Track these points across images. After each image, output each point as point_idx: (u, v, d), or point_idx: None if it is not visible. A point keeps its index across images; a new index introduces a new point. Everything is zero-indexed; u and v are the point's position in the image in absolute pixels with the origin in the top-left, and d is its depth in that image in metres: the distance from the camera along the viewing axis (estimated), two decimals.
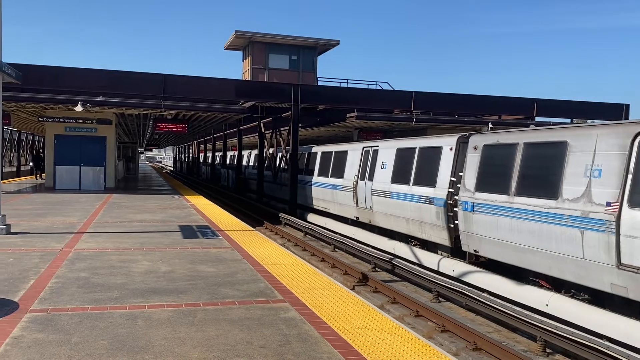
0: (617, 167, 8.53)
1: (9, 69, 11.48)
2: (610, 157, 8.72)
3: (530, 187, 10.38)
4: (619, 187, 8.41)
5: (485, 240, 11.54)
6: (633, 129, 8.44)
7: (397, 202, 15.54)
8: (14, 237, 10.94)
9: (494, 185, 11.41)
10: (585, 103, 27.48)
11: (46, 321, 5.64)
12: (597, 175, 8.91)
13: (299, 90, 23.54)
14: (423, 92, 25.13)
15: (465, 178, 12.36)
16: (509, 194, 10.82)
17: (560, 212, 9.44)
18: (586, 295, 9.32)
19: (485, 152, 12.01)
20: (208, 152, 61.59)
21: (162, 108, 21.83)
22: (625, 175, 8.38)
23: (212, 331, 5.47)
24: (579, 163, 9.31)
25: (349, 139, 29.44)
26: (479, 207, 11.70)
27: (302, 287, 7.46)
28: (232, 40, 29.04)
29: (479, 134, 12.76)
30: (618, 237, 8.30)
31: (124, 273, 7.95)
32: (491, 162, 11.76)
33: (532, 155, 10.58)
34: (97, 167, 24.80)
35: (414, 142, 15.60)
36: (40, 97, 20.90)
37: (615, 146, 8.67)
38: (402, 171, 15.50)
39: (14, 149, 42.89)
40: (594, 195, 8.86)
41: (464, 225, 12.21)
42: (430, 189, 13.91)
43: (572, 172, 9.39)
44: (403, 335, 5.56)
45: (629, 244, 8.11)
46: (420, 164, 14.74)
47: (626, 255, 8.15)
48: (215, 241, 11.17)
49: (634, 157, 8.30)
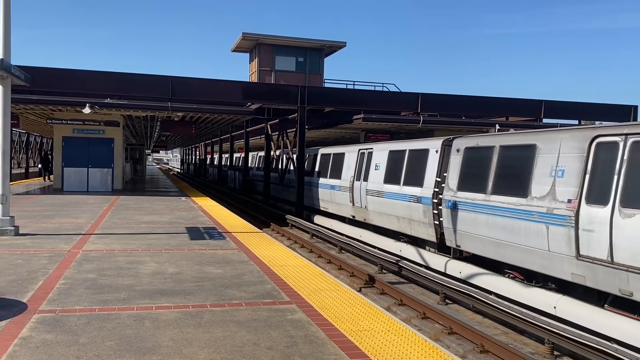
0: (577, 168, 9.44)
1: (18, 71, 11.57)
2: (571, 159, 9.64)
3: (505, 186, 11.28)
4: (578, 186, 9.32)
5: (466, 236, 12.47)
6: (590, 133, 9.38)
7: (389, 201, 16.43)
8: (23, 239, 11.01)
9: (473, 185, 12.32)
10: (593, 104, 27.33)
11: (54, 322, 5.67)
12: (561, 175, 9.82)
13: (305, 92, 23.56)
14: (430, 93, 25.10)
15: (449, 178, 13.31)
16: (486, 193, 11.74)
17: (529, 208, 10.33)
18: (554, 285, 10.13)
19: (466, 154, 12.95)
20: (215, 154, 61.76)
21: (169, 110, 21.91)
22: (583, 175, 9.29)
23: (219, 332, 5.48)
24: (546, 164, 10.19)
25: (355, 140, 29.45)
26: (461, 205, 12.61)
27: (308, 288, 7.46)
28: (239, 42, 29.10)
29: (462, 137, 13.62)
30: (577, 231, 9.17)
31: (132, 274, 7.98)
32: (471, 163, 12.68)
33: (507, 156, 11.51)
34: (104, 169, 24.91)
35: (405, 145, 16.48)
36: (49, 99, 21.04)
37: (576, 149, 9.59)
38: (394, 172, 16.42)
39: (23, 150, 43.16)
40: (557, 193, 9.76)
41: (448, 222, 13.13)
42: (418, 189, 14.83)
43: (540, 173, 10.29)
44: (410, 337, 5.55)
45: (586, 237, 9.01)
46: (409, 165, 15.66)
47: (584, 247, 9.04)
48: (222, 243, 11.20)
49: (590, 159, 9.22)
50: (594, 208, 8.93)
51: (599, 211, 8.82)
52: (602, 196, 8.86)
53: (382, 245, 16.16)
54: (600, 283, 8.78)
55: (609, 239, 8.57)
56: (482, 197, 11.81)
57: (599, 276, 8.76)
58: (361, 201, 18.54)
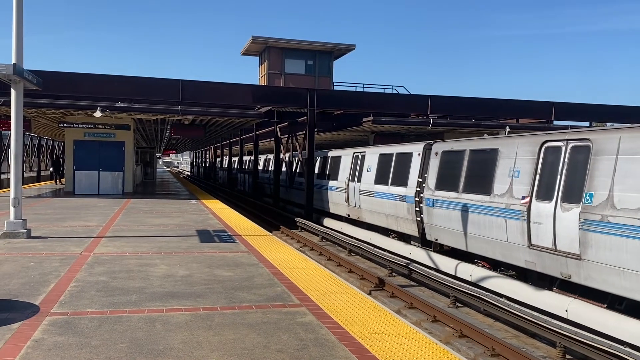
0: (530, 169, 10.92)
1: (30, 75, 11.67)
2: (525, 161, 11.12)
3: (473, 185, 12.76)
4: (530, 184, 10.79)
5: (442, 230, 13.95)
6: (540, 139, 10.82)
7: (379, 200, 17.95)
8: (35, 242, 11.10)
9: (448, 185, 13.78)
10: (604, 106, 27.12)
11: (66, 324, 5.71)
12: (517, 175, 11.31)
13: (315, 95, 23.59)
14: (440, 95, 25.03)
15: (428, 179, 14.83)
16: (458, 192, 13.23)
17: (492, 205, 11.85)
18: (514, 273, 11.49)
19: (442, 158, 14.44)
20: (225, 157, 61.95)
21: (179, 113, 22.00)
22: (534, 175, 10.75)
23: (230, 335, 5.49)
24: (505, 166, 11.69)
25: (365, 143, 29.43)
26: (437, 203, 14.14)
27: (318, 291, 7.46)
28: (249, 45, 29.20)
29: (440, 142, 15.26)
30: (529, 223, 10.62)
31: (143, 277, 8.02)
32: (446, 165, 14.17)
33: (475, 159, 13.00)
34: (115, 172, 25.05)
35: (393, 149, 17.94)
36: (60, 103, 21.21)
37: (529, 153, 11.05)
38: (383, 173, 17.88)
39: (34, 154, 43.53)
40: (514, 191, 11.24)
41: (427, 218, 14.69)
42: (403, 189, 16.32)
43: (501, 173, 11.81)
44: (420, 340, 5.53)
45: (535, 228, 10.44)
46: (396, 167, 17.11)
47: (534, 238, 10.47)
48: (232, 245, 11.22)
49: (540, 162, 10.69)
50: (542, 203, 10.37)
51: (546, 206, 10.25)
52: (548, 193, 10.29)
53: (392, 248, 16.16)
54: (547, 268, 10.21)
55: (553, 230, 9.98)
56: (455, 196, 13.31)
57: (546, 262, 10.19)
58: (355, 201, 20.01)
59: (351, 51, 30.03)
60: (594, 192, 9.19)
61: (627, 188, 8.60)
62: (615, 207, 8.71)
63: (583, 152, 9.71)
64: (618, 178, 8.79)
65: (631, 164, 8.66)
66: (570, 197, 9.71)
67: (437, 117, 24.79)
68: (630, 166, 8.66)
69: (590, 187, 9.30)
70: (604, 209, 8.89)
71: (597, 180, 9.19)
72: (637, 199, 8.36)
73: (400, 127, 24.99)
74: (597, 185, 9.16)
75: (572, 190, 9.72)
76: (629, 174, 8.64)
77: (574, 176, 9.77)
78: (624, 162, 8.78)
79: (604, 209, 8.90)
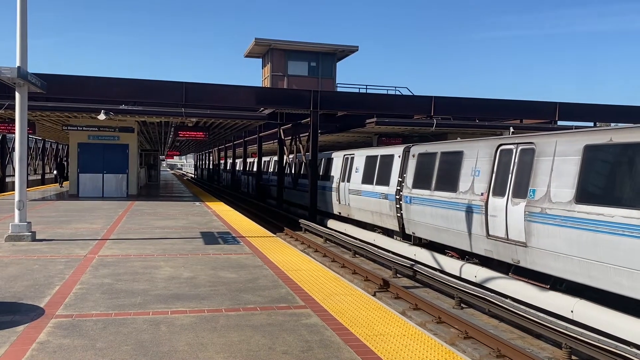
0: (488, 169, 12.36)
1: (35, 78, 11.71)
2: (484, 162, 12.57)
3: (442, 183, 14.19)
4: (488, 183, 12.19)
5: (418, 225, 15.45)
6: (496, 142, 12.37)
7: (366, 199, 19.37)
8: (40, 244, 11.12)
9: (423, 183, 15.26)
10: (608, 106, 27.04)
11: (71, 327, 5.71)
12: (477, 174, 12.72)
13: (318, 97, 23.60)
14: (443, 96, 25.01)
15: (407, 178, 16.34)
16: (431, 189, 14.69)
17: (457, 201, 13.25)
18: (477, 261, 12.73)
19: (419, 159, 15.94)
20: (228, 159, 62.01)
21: (183, 116, 22.05)
22: (491, 174, 12.19)
23: (235, 337, 5.48)
24: (468, 166, 13.13)
25: (368, 144, 29.42)
26: (414, 200, 15.60)
27: (323, 293, 7.45)
28: (252, 47, 29.22)
29: (417, 145, 16.71)
30: (487, 216, 12.03)
31: (147, 279, 8.02)
32: (422, 166, 15.65)
33: (445, 160, 14.46)
34: (119, 175, 25.11)
35: (377, 151, 19.42)
36: (65, 106, 21.27)
37: (487, 154, 12.50)
38: (369, 174, 19.31)
39: (39, 157, 43.67)
40: (475, 188, 12.68)
41: (406, 214, 16.18)
42: (386, 187, 17.72)
43: (465, 173, 13.23)
44: (426, 341, 5.51)
45: (492, 221, 11.86)
46: (380, 168, 18.51)
47: (491, 229, 11.88)
48: (236, 247, 11.22)
49: (496, 162, 12.14)
50: (497, 199, 11.79)
51: (500, 201, 11.67)
52: (501, 189, 11.71)
53: (396, 250, 16.15)
54: (501, 255, 11.60)
55: (505, 221, 11.35)
56: (428, 193, 14.77)
57: (500, 250, 11.57)
58: (345, 199, 21.51)
59: (354, 52, 30.01)
60: (536, 189, 10.62)
61: (561, 184, 10.02)
62: (552, 200, 10.12)
63: (529, 154, 11.13)
64: (554, 176, 10.22)
65: (564, 164, 10.07)
66: (519, 193, 11.11)
67: (440, 118, 24.76)
68: (563, 166, 10.08)
69: (533, 184, 10.71)
70: (543, 203, 10.32)
71: (539, 178, 10.60)
72: (568, 194, 9.77)
73: (403, 128, 24.96)
74: (539, 182, 10.57)
75: (520, 187, 11.12)
76: (562, 173, 10.07)
77: (522, 175, 11.17)
78: (558, 162, 10.22)
79: (543, 203, 10.33)
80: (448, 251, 14.04)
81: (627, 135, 9.06)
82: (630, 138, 8.96)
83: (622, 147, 9.08)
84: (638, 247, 8.24)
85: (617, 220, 8.62)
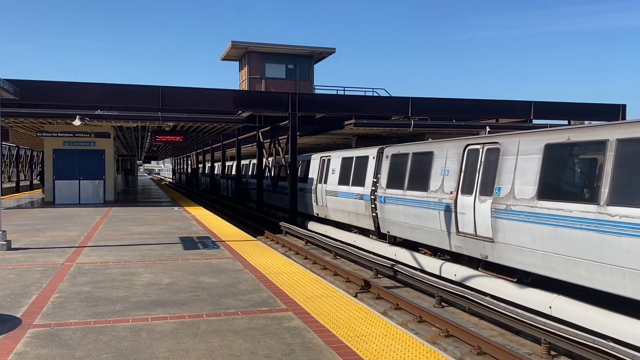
0: (456, 168, 12.72)
1: (7, 85, 11.51)
2: (453, 162, 12.92)
3: (414, 183, 14.61)
4: (457, 181, 12.59)
5: (392, 223, 15.85)
6: (464, 143, 12.79)
7: (342, 199, 19.75)
8: (15, 253, 10.92)
9: (396, 183, 15.66)
10: (582, 104, 27.49)
11: (49, 336, 5.63)
12: (447, 174, 13.08)
13: (296, 99, 23.60)
14: (420, 97, 25.20)
15: (381, 179, 16.74)
16: (404, 189, 15.07)
17: (428, 199, 13.64)
18: (448, 257, 13.14)
19: (392, 160, 16.37)
20: (207, 163, 61.62)
21: (160, 120, 21.85)
22: (459, 173, 12.57)
23: (216, 342, 5.46)
24: (438, 166, 13.51)
25: (347, 146, 29.50)
26: (388, 199, 15.99)
27: (304, 295, 7.45)
28: (229, 50, 29.09)
29: (390, 146, 17.17)
30: (456, 214, 12.39)
31: (126, 286, 7.94)
32: (395, 166, 16.06)
33: (416, 161, 14.86)
34: (96, 181, 24.76)
35: (352, 153, 19.87)
36: (39, 113, 20.93)
37: (456, 155, 12.89)
38: (345, 175, 19.70)
39: (13, 164, 42.89)
40: (445, 187, 13.04)
41: (381, 214, 16.58)
42: (361, 188, 18.07)
43: (435, 172, 13.61)
44: (407, 341, 5.55)
45: (461, 218, 12.24)
46: (356, 169, 18.88)
47: (460, 226, 12.26)
48: (217, 252, 11.16)
49: (464, 162, 12.53)
50: (465, 197, 12.15)
51: (468, 199, 12.03)
52: (469, 188, 12.08)
53: (376, 250, 16.22)
54: (470, 251, 12.00)
55: (473, 218, 11.74)
56: (401, 193, 15.18)
57: (470, 246, 11.96)
58: (323, 200, 21.81)
59: (331, 54, 30.04)
60: (502, 186, 11.02)
61: (524, 182, 10.41)
62: (516, 197, 10.52)
63: (494, 154, 11.51)
64: (518, 174, 10.62)
65: (526, 163, 10.45)
66: (485, 191, 11.52)
67: (418, 119, 24.93)
68: (526, 164, 10.46)
69: (499, 182, 11.12)
70: (508, 200, 10.71)
71: (504, 176, 11.00)
72: (530, 191, 10.17)
73: (382, 129, 25.09)
74: (504, 180, 10.97)
75: (487, 185, 11.52)
76: (525, 171, 10.45)
77: (488, 173, 11.58)
78: (521, 161, 10.61)
79: (508, 200, 10.72)
80: (421, 248, 14.44)
81: (583, 134, 9.46)
82: (586, 137, 9.36)
83: (579, 145, 9.54)
84: (594, 240, 8.59)
85: (575, 215, 9.01)
